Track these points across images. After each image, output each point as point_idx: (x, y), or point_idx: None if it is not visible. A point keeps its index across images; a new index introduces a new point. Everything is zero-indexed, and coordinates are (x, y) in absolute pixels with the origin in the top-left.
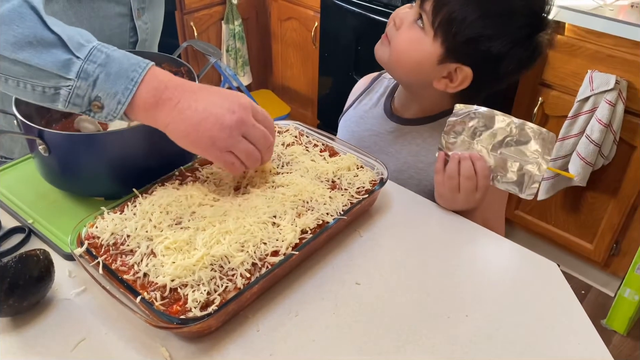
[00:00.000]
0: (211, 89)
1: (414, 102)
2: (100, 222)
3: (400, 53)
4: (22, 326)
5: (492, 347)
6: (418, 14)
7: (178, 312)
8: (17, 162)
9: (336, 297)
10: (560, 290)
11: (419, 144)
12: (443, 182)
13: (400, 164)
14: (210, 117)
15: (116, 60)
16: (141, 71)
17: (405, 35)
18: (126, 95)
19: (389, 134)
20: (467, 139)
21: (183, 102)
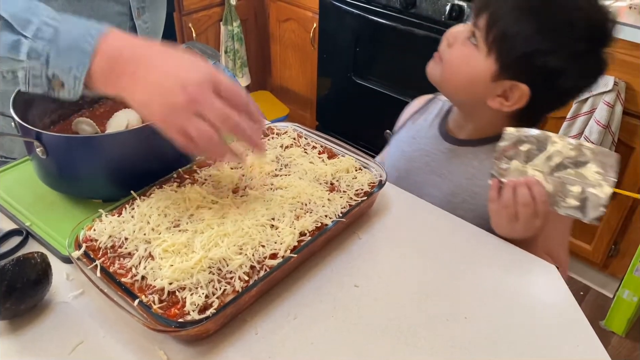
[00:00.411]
0: (168, 55)
1: (468, 122)
2: (98, 225)
3: (453, 70)
4: (19, 329)
5: (491, 349)
6: (471, 31)
7: (176, 316)
8: (15, 164)
9: (335, 300)
10: (558, 292)
11: (475, 167)
12: (499, 211)
13: (453, 186)
14: (161, 93)
15: (65, 32)
16: (93, 41)
17: (458, 52)
18: (81, 70)
19: (442, 155)
20: (520, 164)
21: (138, 72)
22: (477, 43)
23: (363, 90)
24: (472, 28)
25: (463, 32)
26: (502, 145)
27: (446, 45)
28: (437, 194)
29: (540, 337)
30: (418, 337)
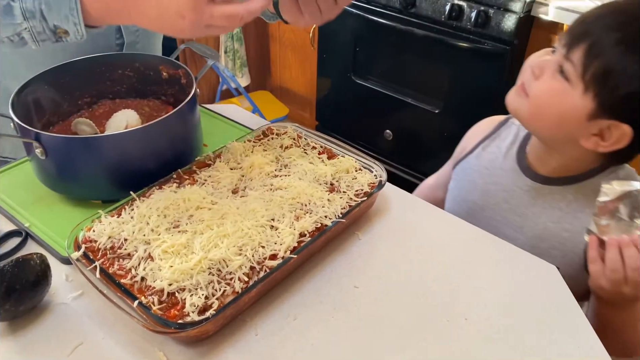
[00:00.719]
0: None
1: (552, 157)
2: (97, 226)
3: (542, 107)
4: (19, 331)
5: (491, 350)
6: (560, 63)
7: (176, 317)
8: (14, 164)
9: (334, 301)
10: (559, 293)
11: (562, 209)
12: (603, 274)
13: (539, 230)
14: (166, 26)
15: None
16: None
17: (547, 86)
18: (75, 14)
19: (524, 193)
20: (624, 220)
21: (132, 10)
22: (570, 78)
23: (363, 90)
24: (562, 60)
25: (550, 63)
26: (602, 201)
27: (531, 76)
28: (519, 236)
29: (540, 338)
30: (418, 339)
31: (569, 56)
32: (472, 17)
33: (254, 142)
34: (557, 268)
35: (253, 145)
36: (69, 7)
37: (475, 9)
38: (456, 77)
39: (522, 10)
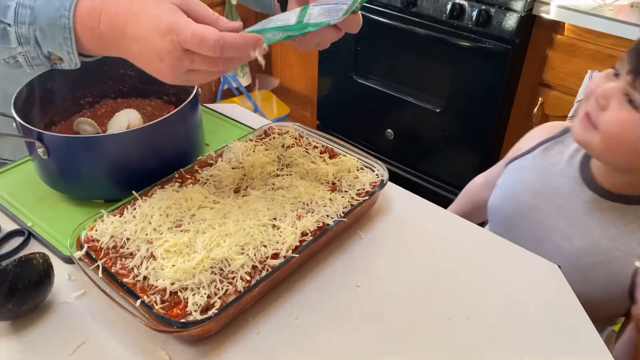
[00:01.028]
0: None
1: (621, 176)
2: (99, 225)
3: (615, 139)
4: (21, 330)
5: (494, 349)
6: (626, 92)
7: (178, 316)
8: (16, 164)
9: (337, 300)
10: (561, 292)
11: (620, 227)
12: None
13: (589, 244)
14: (147, 63)
15: (41, 11)
16: (68, 14)
17: (618, 119)
18: (69, 44)
19: (581, 204)
20: None
21: (121, 45)
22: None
23: (364, 90)
24: (629, 89)
25: (615, 91)
26: None
27: (596, 106)
28: (565, 245)
29: (543, 336)
30: (420, 338)
31: (637, 85)
32: (473, 16)
33: (255, 141)
34: (558, 267)
35: (255, 145)
36: (63, 36)
37: (477, 8)
38: (457, 76)
39: (523, 9)
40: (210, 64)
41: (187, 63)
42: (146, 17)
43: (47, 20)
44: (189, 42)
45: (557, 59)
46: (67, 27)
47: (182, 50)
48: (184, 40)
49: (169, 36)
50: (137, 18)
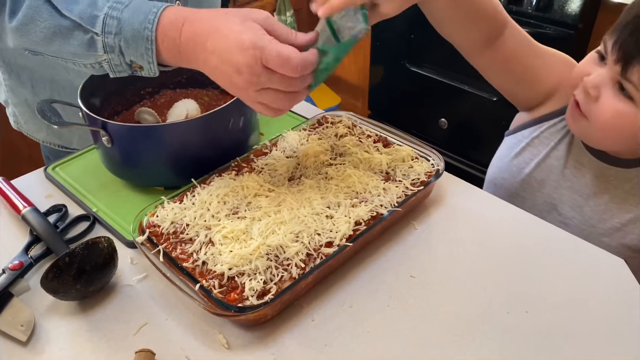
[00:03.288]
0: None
1: None
2: (160, 211)
3: (610, 129)
4: (88, 310)
5: (552, 343)
6: (616, 81)
7: (235, 300)
8: (81, 153)
9: (390, 290)
10: (628, 289)
11: (627, 190)
12: None
13: (600, 210)
14: (223, 77)
15: (127, 23)
16: (152, 27)
17: (610, 109)
18: (150, 54)
19: (587, 171)
20: None
21: (199, 57)
22: (634, 97)
23: (417, 78)
24: (619, 78)
25: (605, 81)
26: None
27: (585, 97)
28: (576, 215)
29: (605, 333)
30: (476, 330)
31: (627, 77)
32: (533, 0)
33: (309, 130)
34: (624, 261)
35: (308, 134)
36: (145, 46)
37: None
38: None
39: None
40: (288, 84)
41: (265, 80)
42: (230, 31)
43: (132, 32)
44: (273, 60)
45: None
46: (150, 38)
47: (262, 67)
48: (268, 58)
49: (251, 51)
50: (220, 32)
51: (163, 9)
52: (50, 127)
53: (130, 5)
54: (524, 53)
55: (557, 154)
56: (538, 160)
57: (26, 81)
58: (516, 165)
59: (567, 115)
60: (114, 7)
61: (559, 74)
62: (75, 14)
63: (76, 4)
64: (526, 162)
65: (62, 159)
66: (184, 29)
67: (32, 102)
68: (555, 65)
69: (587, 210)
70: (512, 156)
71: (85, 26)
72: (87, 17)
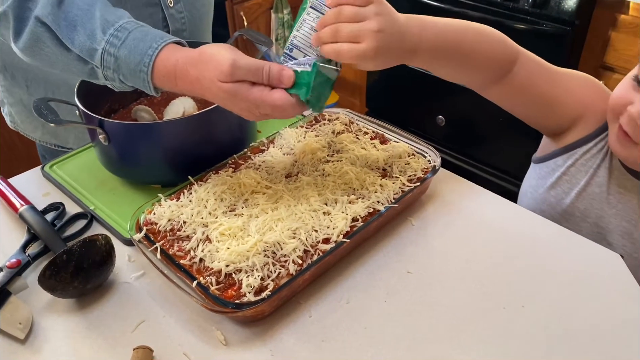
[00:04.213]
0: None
1: None
2: (157, 209)
3: None
4: (86, 307)
5: (549, 338)
6: None
7: (233, 297)
8: (78, 151)
9: (387, 285)
10: (623, 283)
11: None
12: None
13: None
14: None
15: (124, 62)
16: (147, 70)
17: None
18: (147, 86)
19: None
20: None
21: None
22: None
23: (414, 75)
24: None
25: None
26: None
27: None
28: (626, 242)
29: (601, 328)
30: (473, 325)
31: None
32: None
33: (306, 127)
34: (620, 256)
35: (305, 131)
36: (142, 82)
37: None
38: None
39: None
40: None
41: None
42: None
43: (129, 71)
44: (270, 113)
45: (620, 41)
46: (146, 80)
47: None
48: (263, 112)
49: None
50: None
51: (157, 52)
52: (46, 127)
53: (127, 41)
54: (538, 83)
55: (598, 180)
56: (578, 189)
57: (21, 81)
58: (554, 197)
59: (613, 142)
60: (111, 42)
61: (582, 99)
62: (76, 46)
63: (76, 33)
64: (565, 192)
65: (58, 158)
66: (178, 82)
67: (28, 101)
68: (577, 90)
69: (638, 236)
70: (548, 187)
71: (86, 58)
72: (87, 50)
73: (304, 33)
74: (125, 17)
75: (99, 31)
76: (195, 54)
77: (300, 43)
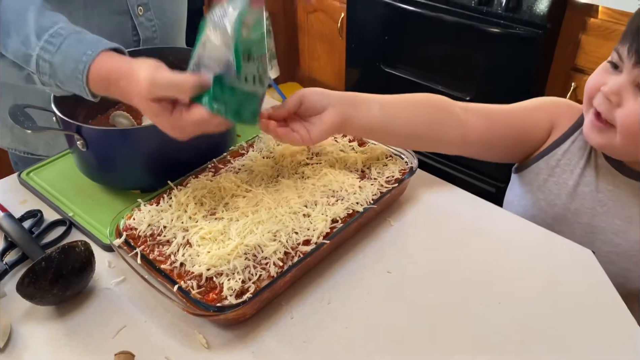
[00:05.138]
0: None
1: None
2: (137, 214)
3: (637, 133)
4: (66, 314)
5: (524, 333)
6: (637, 82)
7: (214, 300)
8: (55, 158)
9: (368, 285)
10: (596, 278)
11: None
12: None
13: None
14: None
15: (59, 68)
16: (82, 77)
17: (637, 111)
18: (84, 92)
19: (622, 193)
20: None
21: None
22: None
23: (393, 79)
24: (639, 80)
25: (625, 85)
26: None
27: (607, 104)
28: (622, 242)
29: (575, 321)
30: (451, 322)
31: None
32: (502, 1)
33: None
34: (592, 252)
35: None
36: (78, 88)
37: None
38: (488, 63)
39: None
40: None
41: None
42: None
43: (65, 77)
44: (194, 130)
45: (590, 43)
46: (82, 86)
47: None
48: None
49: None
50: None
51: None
52: (15, 134)
53: (62, 47)
54: (498, 131)
55: (586, 179)
56: (568, 190)
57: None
58: (544, 200)
59: (587, 129)
60: (46, 48)
61: (549, 117)
62: (10, 51)
63: (9, 38)
64: (555, 194)
65: (34, 165)
66: (111, 90)
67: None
68: (541, 115)
69: (632, 234)
70: (536, 190)
71: (21, 64)
72: (22, 56)
73: (209, 50)
74: (61, 22)
75: (33, 37)
76: (125, 66)
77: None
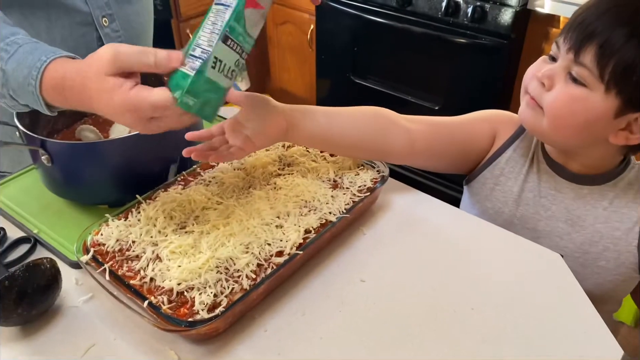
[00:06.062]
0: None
1: (573, 159)
2: (105, 229)
3: (564, 118)
4: (31, 335)
5: (499, 338)
6: (568, 68)
7: (186, 315)
8: (19, 174)
9: (342, 295)
10: (565, 281)
11: (606, 208)
12: None
13: (589, 234)
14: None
15: (12, 75)
16: (35, 83)
17: (565, 96)
18: (38, 103)
19: (564, 197)
20: None
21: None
22: (586, 81)
23: (362, 90)
24: (571, 65)
25: (558, 70)
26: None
27: (540, 88)
28: (567, 243)
29: (547, 325)
30: (425, 329)
31: (580, 60)
32: (468, 12)
33: None
34: (561, 256)
35: None
36: (33, 98)
37: (472, 5)
38: (455, 73)
39: (518, 4)
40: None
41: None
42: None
43: (18, 85)
44: (152, 113)
45: None
46: (35, 94)
47: (146, 119)
48: (146, 114)
49: (128, 115)
50: (97, 98)
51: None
52: None
53: (16, 54)
54: (442, 143)
55: (529, 185)
56: (514, 197)
57: None
58: (492, 208)
59: (521, 110)
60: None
61: (491, 125)
62: None
63: None
64: (502, 202)
65: None
66: (66, 94)
67: None
68: (483, 125)
69: (576, 236)
70: (483, 199)
71: None
72: None
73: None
74: (20, 34)
75: None
76: (82, 64)
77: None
